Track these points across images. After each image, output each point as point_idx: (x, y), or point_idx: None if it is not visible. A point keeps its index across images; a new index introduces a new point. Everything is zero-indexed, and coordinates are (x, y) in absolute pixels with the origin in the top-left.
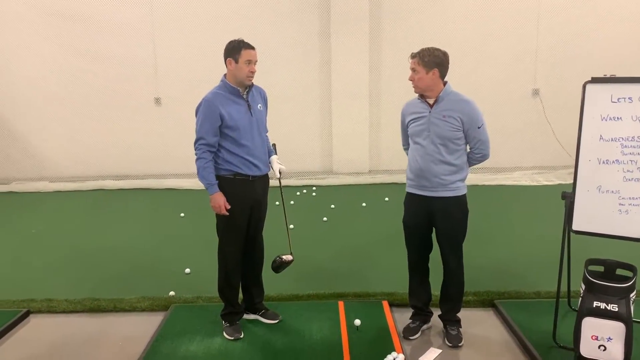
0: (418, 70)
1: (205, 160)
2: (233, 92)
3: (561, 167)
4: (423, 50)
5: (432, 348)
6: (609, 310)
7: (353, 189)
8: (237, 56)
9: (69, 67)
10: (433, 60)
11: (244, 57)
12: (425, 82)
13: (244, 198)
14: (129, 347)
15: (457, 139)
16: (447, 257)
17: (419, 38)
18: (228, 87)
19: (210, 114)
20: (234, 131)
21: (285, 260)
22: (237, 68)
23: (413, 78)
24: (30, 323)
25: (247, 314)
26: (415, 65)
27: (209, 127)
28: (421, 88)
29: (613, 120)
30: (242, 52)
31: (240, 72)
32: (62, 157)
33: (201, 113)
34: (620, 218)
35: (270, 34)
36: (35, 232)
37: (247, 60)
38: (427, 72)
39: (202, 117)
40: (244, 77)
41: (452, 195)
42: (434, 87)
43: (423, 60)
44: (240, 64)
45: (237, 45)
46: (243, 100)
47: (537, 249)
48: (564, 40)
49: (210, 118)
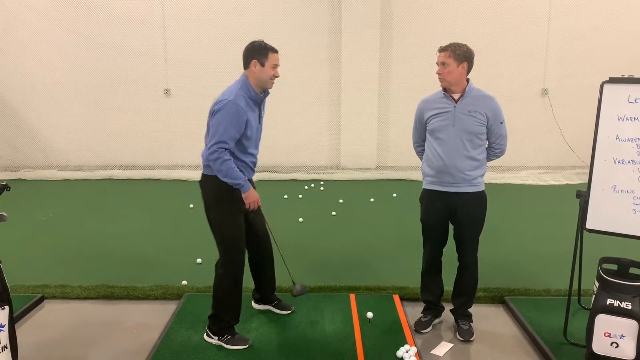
0: (449, 63)
1: (231, 160)
2: (255, 98)
3: (569, 167)
4: (453, 44)
5: (443, 342)
6: (622, 307)
7: (361, 184)
8: (264, 59)
9: (79, 57)
10: (464, 54)
11: (271, 61)
12: (454, 76)
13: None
14: (144, 334)
15: (481, 134)
16: (464, 252)
17: (429, 35)
18: (251, 92)
19: (238, 121)
20: (247, 140)
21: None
22: (263, 71)
23: (442, 71)
24: (45, 308)
25: (259, 305)
26: (446, 58)
27: (234, 134)
28: (449, 81)
29: (630, 121)
30: (269, 56)
31: (265, 75)
32: (71, 146)
33: (228, 116)
34: (635, 217)
35: (281, 28)
36: (46, 219)
37: (273, 65)
38: (457, 65)
39: (229, 122)
40: (268, 81)
41: (475, 191)
42: (460, 81)
43: (455, 53)
44: (267, 68)
45: (264, 47)
46: (258, 108)
47: (546, 247)
48: (575, 39)
49: (237, 125)
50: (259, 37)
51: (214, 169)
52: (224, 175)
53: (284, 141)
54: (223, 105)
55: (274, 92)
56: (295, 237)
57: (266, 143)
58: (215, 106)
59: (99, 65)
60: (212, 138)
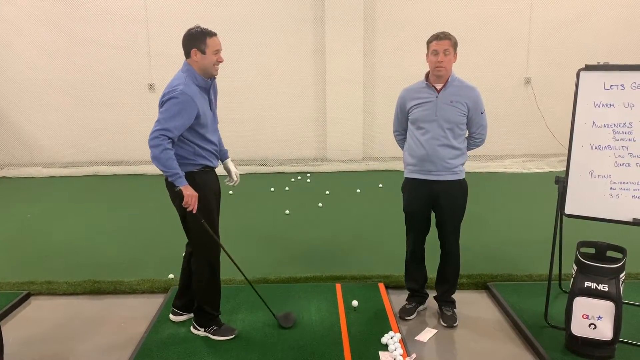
0: (451, 51)
1: (171, 150)
2: (203, 85)
3: (552, 154)
4: (447, 33)
5: (427, 328)
6: (599, 290)
7: (347, 175)
8: (204, 46)
9: (62, 53)
10: (456, 43)
11: (211, 47)
12: (451, 65)
13: (213, 187)
14: (131, 328)
15: (462, 124)
16: (446, 240)
17: (412, 26)
18: (199, 80)
19: (187, 112)
20: (202, 127)
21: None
22: (205, 59)
23: (443, 60)
24: (32, 305)
25: (178, 316)
26: (450, 46)
27: (180, 124)
28: (448, 71)
29: (605, 107)
30: (207, 42)
31: (208, 62)
32: (56, 142)
33: (177, 106)
34: (611, 202)
35: (264, 20)
36: (31, 217)
37: (215, 50)
38: (454, 55)
39: (177, 111)
40: (212, 68)
41: (456, 179)
42: (451, 70)
43: (453, 43)
44: (208, 55)
45: (201, 33)
46: (207, 94)
47: (528, 233)
48: (556, 28)
49: (186, 115)
50: (243, 29)
51: (152, 155)
52: (162, 164)
53: (270, 134)
54: (174, 95)
55: (258, 84)
56: (282, 229)
57: (252, 136)
58: (165, 96)
59: (82, 61)
60: (157, 124)
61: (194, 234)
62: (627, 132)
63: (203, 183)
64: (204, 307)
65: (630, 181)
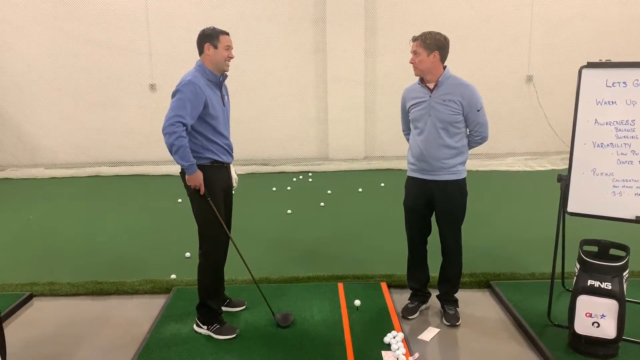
0: (419, 52)
1: (186, 138)
2: (213, 79)
3: (554, 152)
4: (424, 33)
5: (430, 327)
6: (602, 288)
7: (349, 174)
8: (216, 42)
9: (64, 54)
10: (434, 43)
11: (223, 42)
12: (425, 65)
13: (222, 184)
14: (133, 329)
15: (457, 123)
16: (446, 239)
17: (413, 23)
18: (208, 74)
19: (196, 98)
20: (213, 119)
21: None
22: (217, 53)
23: (414, 60)
24: (34, 306)
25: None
26: (417, 47)
27: (191, 110)
28: (421, 70)
29: (608, 105)
30: (220, 38)
31: (220, 57)
32: (58, 143)
33: (185, 93)
34: (614, 200)
35: (265, 20)
36: (33, 218)
37: (226, 46)
38: (428, 55)
39: (187, 99)
40: (223, 63)
41: (453, 179)
42: (433, 70)
43: (425, 43)
44: (220, 49)
45: (215, 31)
46: (219, 90)
47: (531, 232)
48: (558, 26)
49: (194, 101)
50: (244, 29)
51: (167, 142)
52: (175, 151)
53: (272, 134)
54: (181, 86)
55: (260, 84)
56: (284, 229)
57: (254, 136)
58: (175, 88)
59: (83, 62)
60: (170, 112)
61: (201, 227)
62: (630, 130)
63: (210, 178)
64: (208, 303)
65: (633, 179)
